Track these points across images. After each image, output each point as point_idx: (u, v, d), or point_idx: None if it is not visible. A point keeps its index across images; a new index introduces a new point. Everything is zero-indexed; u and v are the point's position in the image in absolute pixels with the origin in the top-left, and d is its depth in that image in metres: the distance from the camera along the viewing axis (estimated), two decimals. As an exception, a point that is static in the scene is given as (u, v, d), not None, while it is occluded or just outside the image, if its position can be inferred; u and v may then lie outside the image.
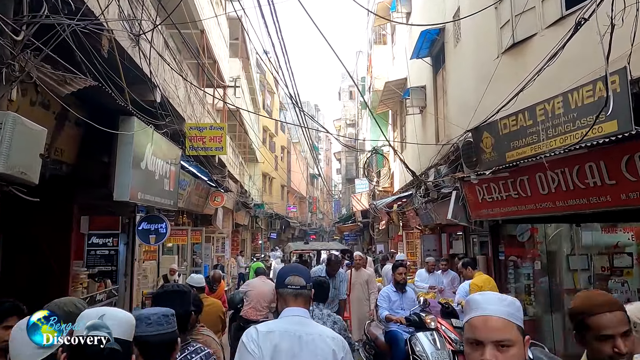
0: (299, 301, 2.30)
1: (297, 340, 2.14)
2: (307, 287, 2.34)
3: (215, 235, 18.00)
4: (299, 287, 2.31)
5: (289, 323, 2.22)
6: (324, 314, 3.67)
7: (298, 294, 2.30)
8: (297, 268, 2.53)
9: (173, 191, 6.97)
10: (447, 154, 9.00)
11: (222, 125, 9.59)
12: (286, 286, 2.32)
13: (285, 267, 2.57)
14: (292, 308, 2.27)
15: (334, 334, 2.27)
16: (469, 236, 10.82)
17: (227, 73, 16.27)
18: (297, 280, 2.32)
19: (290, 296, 2.30)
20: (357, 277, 7.64)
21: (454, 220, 7.51)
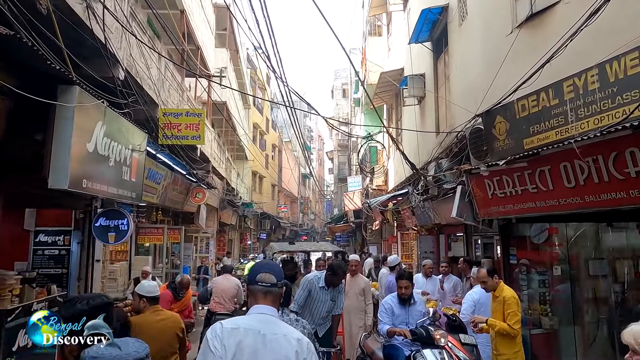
0: (268, 299, 2.25)
1: (261, 339, 2.10)
2: (277, 285, 2.29)
3: (200, 234, 17.04)
4: (269, 285, 2.26)
5: (255, 320, 2.18)
6: (291, 319, 3.54)
7: (268, 291, 2.26)
8: (269, 265, 2.47)
9: (136, 182, 6.02)
10: (449, 145, 8.12)
11: (200, 112, 8.64)
12: (256, 283, 2.27)
13: (258, 263, 2.49)
14: (261, 305, 2.23)
15: (300, 336, 2.21)
16: (470, 237, 9.95)
17: (213, 62, 15.29)
18: (268, 278, 2.28)
19: (260, 293, 2.26)
20: (352, 285, 6.66)
21: (459, 218, 6.62)
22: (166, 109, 8.32)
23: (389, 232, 18.28)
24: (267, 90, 36.15)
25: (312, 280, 5.09)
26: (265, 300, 2.24)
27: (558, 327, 6.11)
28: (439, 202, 9.04)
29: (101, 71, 5.86)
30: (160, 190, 9.44)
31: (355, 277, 6.78)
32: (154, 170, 8.51)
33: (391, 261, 8.46)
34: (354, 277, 6.74)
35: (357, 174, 21.42)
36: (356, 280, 6.76)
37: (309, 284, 5.04)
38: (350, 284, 6.60)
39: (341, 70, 40.69)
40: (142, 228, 10.33)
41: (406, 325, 4.99)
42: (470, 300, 5.74)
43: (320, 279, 5.10)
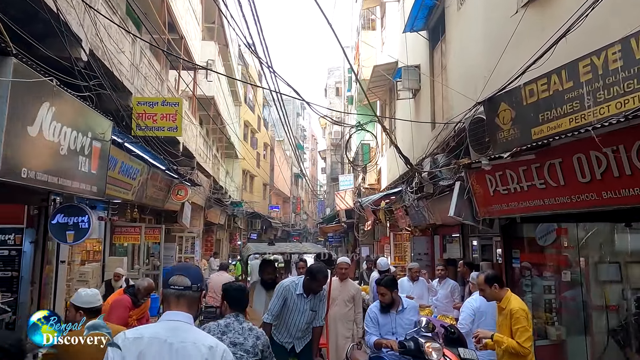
0: (181, 304, 2.09)
1: (167, 348, 1.96)
2: (192, 288, 2.12)
3: (185, 234, 16.38)
4: (182, 288, 2.10)
5: (163, 328, 2.03)
6: (244, 327, 3.16)
7: (180, 295, 2.10)
8: (185, 267, 2.36)
9: (97, 175, 5.39)
10: (446, 139, 7.55)
11: (177, 101, 8.00)
12: (169, 286, 2.12)
13: (174, 266, 2.47)
14: (172, 312, 2.07)
15: (215, 344, 2.05)
16: (467, 239, 9.40)
17: (199, 55, 14.64)
18: (181, 280, 2.12)
19: (172, 297, 2.10)
20: (340, 291, 5.95)
21: (457, 218, 6.04)
22: (140, 97, 7.68)
23: (382, 233, 17.72)
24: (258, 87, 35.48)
25: (288, 286, 4.37)
26: (178, 305, 2.07)
27: (566, 338, 5.54)
28: (435, 200, 8.47)
29: (62, 51, 5.24)
30: (136, 187, 8.79)
31: (344, 282, 6.06)
32: (127, 164, 7.87)
33: (382, 265, 7.83)
34: (343, 281, 6.07)
35: (349, 173, 20.83)
36: (345, 285, 6.04)
37: (284, 291, 4.36)
38: (339, 289, 5.96)
39: (335, 69, 40.11)
40: (117, 227, 9.68)
41: (393, 335, 4.41)
42: (469, 309, 5.15)
43: (298, 285, 4.38)
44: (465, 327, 5.02)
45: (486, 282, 4.18)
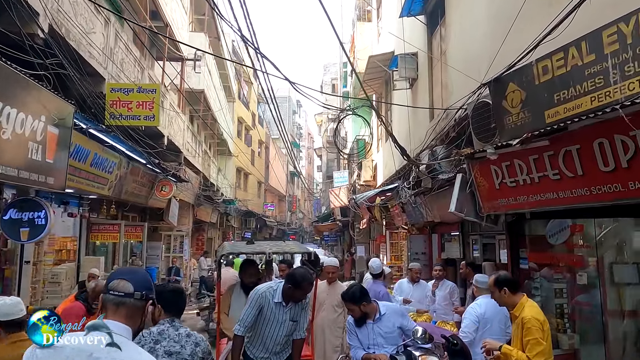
0: (120, 313, 1.76)
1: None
2: (134, 295, 1.79)
3: (173, 233, 15.78)
4: (122, 294, 1.79)
5: (87, 343, 1.64)
6: (180, 334, 2.87)
7: (120, 302, 1.78)
8: (131, 271, 1.99)
9: (55, 164, 4.79)
10: (445, 129, 6.98)
11: (154, 87, 7.39)
12: (109, 291, 1.81)
13: (119, 269, 2.19)
14: (108, 321, 1.72)
15: None
16: (467, 237, 8.82)
17: (186, 40, 14.00)
18: (123, 286, 1.81)
19: (111, 304, 1.78)
20: (328, 294, 5.42)
21: (458, 214, 5.47)
22: (114, 83, 7.08)
23: (378, 232, 17.15)
24: (253, 84, 34.86)
25: (264, 293, 3.70)
26: (115, 314, 1.77)
27: (580, 346, 4.98)
28: (433, 196, 7.91)
29: (13, 25, 4.64)
30: (113, 181, 8.19)
31: (333, 285, 5.52)
32: (101, 156, 7.28)
33: (374, 268, 6.61)
34: (332, 285, 5.52)
35: (344, 169, 20.25)
36: (334, 288, 5.45)
37: (260, 298, 3.70)
38: (327, 292, 5.40)
39: (330, 65, 39.50)
40: (95, 224, 9.08)
41: (375, 347, 3.83)
42: (472, 316, 4.59)
43: (276, 291, 3.71)
44: (469, 336, 4.46)
45: (496, 285, 3.61)
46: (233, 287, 4.60)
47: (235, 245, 4.65)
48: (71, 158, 6.25)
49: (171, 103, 11.47)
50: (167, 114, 11.21)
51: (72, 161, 6.32)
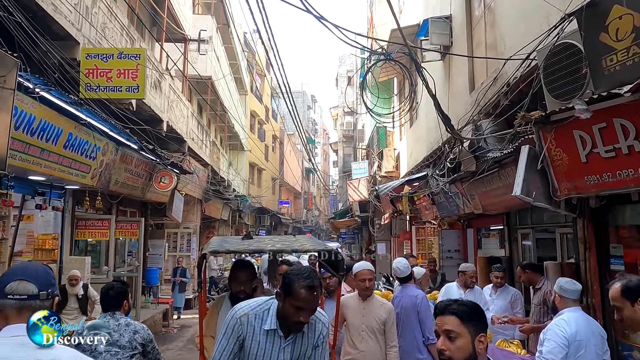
0: (24, 316, 1.61)
1: None
2: (40, 295, 1.66)
3: (180, 230, 14.67)
4: (25, 297, 1.64)
5: (9, 347, 1.55)
6: (120, 324, 3.12)
7: (24, 306, 1.63)
8: (25, 269, 1.76)
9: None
10: (494, 98, 5.64)
11: (139, 52, 6.18)
12: (6, 296, 1.63)
13: (11, 268, 1.90)
14: (14, 326, 1.60)
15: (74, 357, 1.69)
16: (515, 231, 7.46)
17: (190, 25, 12.85)
18: (23, 288, 1.64)
19: (12, 310, 1.62)
20: (363, 316, 3.83)
21: (525, 198, 4.12)
22: (90, 48, 5.89)
23: (400, 228, 15.80)
24: (266, 76, 33.70)
25: (248, 317, 2.27)
26: (20, 318, 1.60)
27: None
28: (476, 182, 6.56)
29: None
30: (98, 169, 7.03)
31: (370, 302, 3.89)
32: (79, 137, 6.11)
33: (401, 270, 4.70)
34: (367, 300, 3.91)
35: (362, 159, 18.91)
36: (372, 305, 3.86)
37: (239, 325, 2.27)
38: (360, 312, 3.86)
39: (346, 57, 38.14)
40: (81, 219, 7.93)
41: None
42: (559, 337, 3.26)
43: (269, 313, 2.29)
44: (555, 367, 3.15)
45: (625, 296, 2.29)
46: (220, 300, 3.33)
47: (226, 241, 3.31)
48: (30, 134, 5.08)
49: (171, 85, 10.31)
50: (167, 98, 10.05)
51: (33, 139, 5.16)
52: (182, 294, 12.08)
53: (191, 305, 13.30)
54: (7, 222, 5.71)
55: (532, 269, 5.13)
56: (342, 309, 3.75)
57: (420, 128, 10.98)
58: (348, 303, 3.94)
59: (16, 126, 4.84)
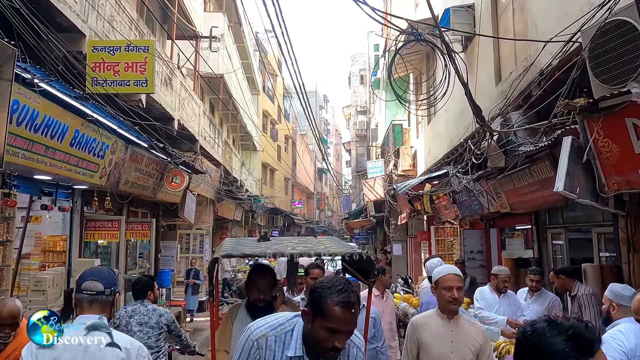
0: (94, 308, 2.12)
1: (81, 352, 1.98)
2: (105, 292, 2.15)
3: (192, 231, 14.44)
4: (94, 293, 2.13)
5: (77, 333, 2.01)
6: (148, 309, 4.00)
7: (94, 300, 2.13)
8: (97, 272, 2.32)
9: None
10: (526, 89, 5.24)
11: (147, 44, 5.89)
12: (82, 291, 2.14)
13: (86, 270, 2.29)
14: (85, 315, 2.09)
15: (128, 344, 2.07)
16: (543, 231, 7.04)
17: (201, 21, 12.61)
18: (94, 286, 2.14)
19: (85, 302, 2.12)
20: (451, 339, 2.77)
21: (568, 195, 3.73)
22: (97, 41, 5.62)
23: (417, 228, 15.38)
24: (278, 76, 33.47)
25: (267, 339, 1.86)
26: (91, 309, 2.10)
27: None
28: (505, 178, 6.17)
29: None
30: (107, 168, 6.78)
31: (457, 322, 2.82)
32: (87, 134, 5.85)
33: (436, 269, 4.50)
34: (453, 319, 2.83)
35: (377, 158, 18.53)
36: (460, 327, 2.81)
37: (256, 349, 1.86)
38: (446, 337, 2.78)
39: (359, 55, 37.76)
40: (90, 221, 7.69)
41: None
42: (617, 351, 2.87)
43: (293, 335, 1.87)
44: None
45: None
46: (235, 309, 2.99)
47: (241, 243, 2.97)
48: (34, 131, 4.82)
49: (182, 82, 10.05)
50: (178, 95, 9.80)
51: (37, 136, 4.90)
52: (195, 297, 11.82)
53: (204, 308, 13.04)
54: (11, 223, 5.46)
55: (567, 274, 4.73)
56: (414, 332, 2.83)
57: (438, 125, 10.58)
58: (424, 324, 2.85)
59: (18, 122, 4.59)
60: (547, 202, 5.76)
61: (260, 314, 2.72)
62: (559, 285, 4.75)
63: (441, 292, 2.83)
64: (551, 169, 5.18)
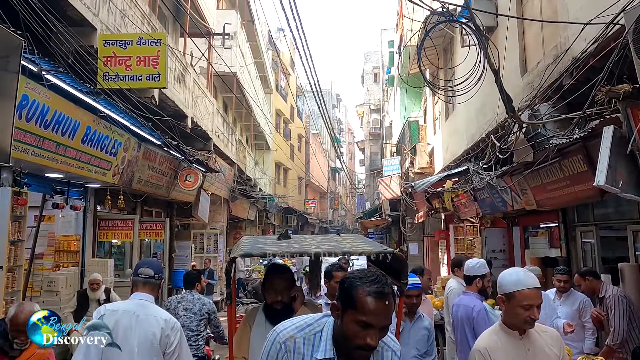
0: (146, 288, 2.85)
1: (134, 319, 2.68)
2: (154, 277, 2.89)
3: (206, 231, 14.30)
4: (147, 277, 2.86)
5: (132, 305, 2.77)
6: (194, 298, 4.70)
7: (146, 282, 2.85)
8: (149, 262, 3.45)
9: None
10: (558, 80, 4.94)
11: (160, 37, 5.71)
12: (138, 275, 2.87)
13: (141, 260, 3.33)
14: (139, 293, 2.83)
15: (168, 317, 2.80)
16: (572, 229, 6.73)
17: (214, 18, 12.46)
18: (147, 271, 2.88)
19: (140, 283, 2.85)
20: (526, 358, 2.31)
21: (610, 189, 3.45)
22: (108, 35, 5.47)
23: (434, 227, 15.08)
24: (291, 75, 33.31)
25: (295, 342, 1.66)
26: (143, 288, 2.84)
27: None
28: (533, 174, 5.88)
29: None
30: (120, 166, 6.64)
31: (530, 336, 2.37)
32: (98, 131, 5.70)
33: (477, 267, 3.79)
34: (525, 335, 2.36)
35: (392, 156, 18.24)
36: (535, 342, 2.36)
37: (285, 353, 1.66)
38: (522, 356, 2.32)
39: (372, 53, 37.46)
40: (103, 220, 7.57)
41: None
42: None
43: (322, 336, 1.66)
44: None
45: None
46: (252, 312, 2.78)
47: (259, 241, 2.76)
48: (44, 127, 4.67)
49: (195, 80, 9.90)
50: (192, 92, 9.65)
51: (47, 132, 4.75)
52: (210, 297, 11.67)
53: (219, 308, 12.90)
54: (22, 222, 5.33)
55: (594, 275, 4.44)
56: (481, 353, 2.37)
57: (457, 121, 10.29)
58: (496, 349, 2.34)
59: (28, 117, 4.45)
60: (578, 198, 5.46)
61: (278, 317, 2.51)
62: (586, 288, 4.44)
63: (517, 309, 2.31)
64: (584, 163, 4.91)
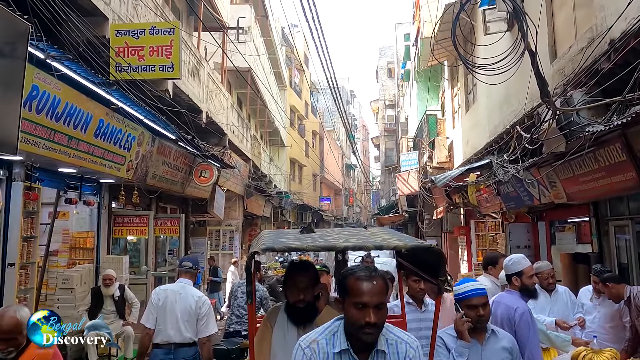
0: (187, 275, 4.15)
1: (177, 295, 3.97)
2: (192, 268, 4.24)
3: (222, 227, 14.20)
4: (187, 268, 4.18)
5: (177, 286, 4.08)
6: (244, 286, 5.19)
7: (186, 271, 4.17)
8: (189, 257, 4.87)
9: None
10: (594, 64, 4.64)
11: (173, 25, 5.52)
12: (181, 266, 4.23)
13: (184, 256, 5.44)
14: (182, 279, 4.13)
15: (200, 295, 4.10)
16: (604, 223, 6.39)
17: (228, 12, 12.29)
18: (187, 264, 4.22)
19: (182, 272, 4.17)
20: None
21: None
22: (120, 24, 5.30)
23: (453, 223, 14.75)
24: (305, 71, 33.07)
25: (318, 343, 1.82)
26: (185, 275, 4.15)
27: None
28: (564, 165, 5.57)
29: None
30: (134, 161, 6.50)
31: None
32: (112, 124, 5.55)
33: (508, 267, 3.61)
34: None
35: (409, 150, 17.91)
36: None
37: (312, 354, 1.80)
38: None
39: (386, 48, 37.00)
40: (118, 216, 7.45)
41: None
42: None
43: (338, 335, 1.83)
44: None
45: None
46: (273, 312, 2.59)
47: (281, 235, 2.54)
48: (55, 120, 4.52)
49: (209, 74, 9.74)
50: (206, 87, 9.50)
51: (59, 125, 4.61)
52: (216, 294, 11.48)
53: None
54: (35, 218, 5.21)
55: (615, 280, 4.11)
56: None
57: (478, 113, 9.97)
58: None
59: (38, 109, 4.30)
60: (614, 190, 5.16)
61: (301, 316, 2.37)
62: (610, 295, 4.10)
63: None
64: (623, 152, 4.60)
